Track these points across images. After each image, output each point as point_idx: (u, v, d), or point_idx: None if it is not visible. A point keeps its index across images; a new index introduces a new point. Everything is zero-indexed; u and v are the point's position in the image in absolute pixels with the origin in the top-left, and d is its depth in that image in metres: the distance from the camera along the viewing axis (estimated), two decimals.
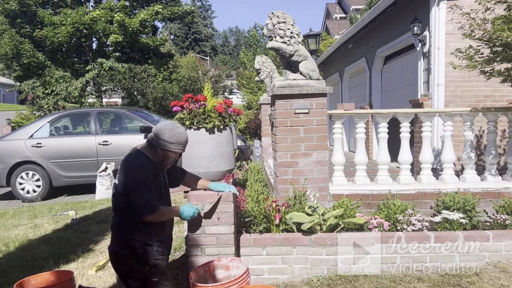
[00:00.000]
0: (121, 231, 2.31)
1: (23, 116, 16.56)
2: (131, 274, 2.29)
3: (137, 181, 2.20)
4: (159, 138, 2.29)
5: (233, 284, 2.33)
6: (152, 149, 2.33)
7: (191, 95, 3.34)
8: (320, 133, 3.75)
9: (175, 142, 2.31)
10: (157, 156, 2.34)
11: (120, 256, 2.28)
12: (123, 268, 2.32)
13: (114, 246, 2.32)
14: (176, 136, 2.31)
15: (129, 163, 2.29)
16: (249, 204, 3.40)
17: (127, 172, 2.25)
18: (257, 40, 26.32)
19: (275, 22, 3.56)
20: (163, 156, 2.34)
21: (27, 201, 7.06)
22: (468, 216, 3.55)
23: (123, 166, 2.30)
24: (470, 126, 4.31)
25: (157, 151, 2.32)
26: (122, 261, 2.29)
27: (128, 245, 2.26)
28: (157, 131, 2.31)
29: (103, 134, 7.32)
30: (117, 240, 2.32)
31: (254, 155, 10.01)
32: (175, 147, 2.33)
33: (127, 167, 2.28)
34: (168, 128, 2.31)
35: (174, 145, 2.32)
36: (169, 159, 2.38)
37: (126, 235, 2.27)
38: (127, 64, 15.95)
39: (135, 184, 2.19)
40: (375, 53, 9.37)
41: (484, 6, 3.81)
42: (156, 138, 2.30)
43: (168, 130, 2.30)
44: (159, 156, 2.34)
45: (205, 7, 62.77)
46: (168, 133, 2.29)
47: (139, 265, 2.26)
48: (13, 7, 14.56)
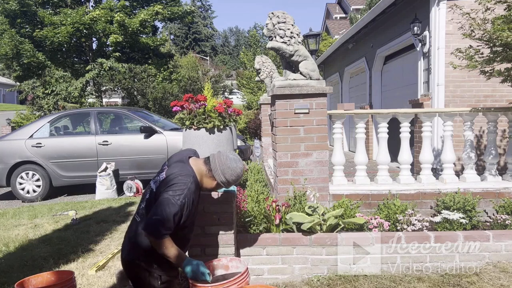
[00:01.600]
0: (142, 242, 2.14)
1: (23, 116, 16.55)
2: (143, 284, 2.22)
3: (170, 200, 2.05)
4: (224, 176, 2.24)
5: (233, 284, 2.33)
6: (209, 178, 2.26)
7: (191, 95, 3.34)
8: (320, 133, 3.76)
9: (233, 182, 2.30)
10: (208, 185, 2.28)
11: (134, 266, 2.20)
12: (135, 277, 2.25)
13: (130, 254, 2.21)
14: (238, 178, 2.30)
15: (178, 178, 2.13)
16: (249, 204, 3.40)
17: (171, 185, 2.10)
18: (257, 40, 26.30)
19: (275, 22, 3.56)
20: (215, 188, 2.32)
21: (27, 201, 7.06)
22: (468, 216, 3.55)
23: (171, 177, 2.14)
24: (470, 126, 4.31)
25: (212, 182, 2.27)
26: (136, 271, 2.21)
27: (146, 258, 2.16)
28: (225, 169, 2.23)
29: (103, 134, 7.31)
30: (135, 249, 2.19)
31: (254, 155, 10.01)
32: (228, 186, 2.33)
33: (173, 180, 2.12)
34: (238, 172, 2.26)
35: (230, 185, 2.32)
36: (214, 190, 2.39)
37: (146, 247, 2.13)
38: (127, 64, 15.95)
39: (166, 200, 2.04)
40: (375, 53, 9.37)
41: (484, 6, 3.81)
42: (221, 174, 2.23)
43: (236, 174, 2.26)
44: (211, 186, 2.29)
45: (205, 7, 62.76)
46: (235, 176, 2.26)
47: (151, 278, 2.19)
48: (13, 7, 14.57)
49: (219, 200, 2.87)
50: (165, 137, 7.09)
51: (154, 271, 2.19)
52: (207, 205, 2.87)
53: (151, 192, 2.22)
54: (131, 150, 7.13)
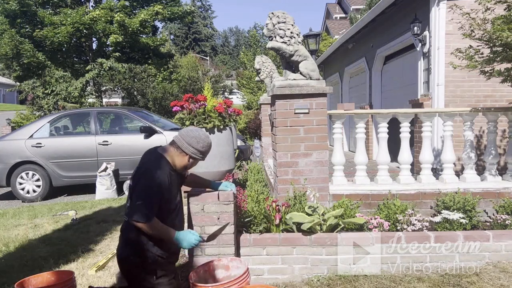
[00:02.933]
0: (136, 239, 2.20)
1: (23, 116, 16.54)
2: (138, 282, 2.24)
3: (145, 184, 2.14)
4: (191, 146, 2.29)
5: (233, 284, 2.33)
6: (178, 155, 2.31)
7: (191, 95, 3.35)
8: (320, 133, 3.76)
9: (205, 151, 2.36)
10: (182, 163, 2.32)
11: (129, 263, 2.23)
12: (131, 275, 2.27)
13: (124, 251, 2.25)
14: (207, 146, 2.35)
15: (146, 165, 2.25)
16: (249, 204, 3.40)
17: (141, 174, 2.20)
18: (257, 40, 26.29)
19: (275, 22, 3.56)
20: (191, 163, 2.36)
21: (27, 201, 7.06)
22: (468, 216, 3.55)
23: (140, 168, 2.24)
24: (470, 126, 4.31)
25: (184, 158, 2.31)
26: (130, 268, 2.24)
27: (140, 254, 2.20)
28: (190, 139, 2.29)
29: (103, 134, 7.31)
30: (129, 246, 2.24)
31: (254, 155, 10.00)
32: (202, 156, 2.37)
33: (142, 170, 2.23)
34: (203, 138, 2.32)
35: (203, 154, 2.36)
36: (192, 166, 2.41)
37: (140, 244, 2.19)
38: (127, 64, 15.94)
39: (142, 187, 2.14)
40: (375, 53, 9.37)
41: (484, 6, 3.81)
42: (188, 145, 2.28)
43: (202, 140, 2.31)
44: (185, 162, 2.33)
45: (205, 7, 62.76)
46: (202, 143, 2.31)
47: (147, 275, 2.21)
48: (13, 7, 14.55)
49: (219, 200, 2.87)
50: (165, 137, 7.09)
51: (148, 266, 2.22)
52: (207, 205, 2.87)
53: (130, 188, 2.28)
54: (131, 150, 7.13)
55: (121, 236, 2.32)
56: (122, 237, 2.30)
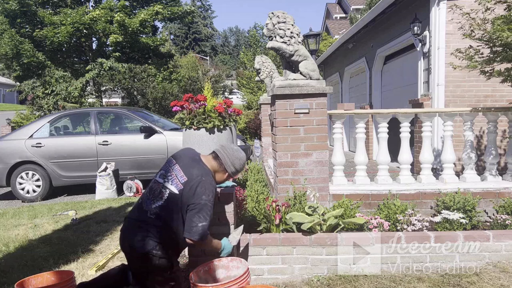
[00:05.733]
0: (163, 236, 2.27)
1: (23, 116, 16.54)
2: (151, 276, 2.28)
3: (206, 202, 2.21)
4: (234, 166, 2.39)
5: (233, 284, 2.33)
6: (220, 172, 2.41)
7: (191, 95, 3.35)
8: (320, 133, 3.76)
9: (240, 170, 2.46)
10: (221, 178, 2.43)
11: (149, 257, 2.26)
12: (145, 268, 2.30)
13: (146, 246, 2.27)
14: (244, 165, 2.46)
15: (205, 178, 2.27)
16: (249, 204, 3.40)
17: (202, 188, 2.23)
18: (257, 40, 26.29)
19: (275, 22, 3.56)
20: (224, 180, 2.47)
21: (27, 201, 7.06)
22: (468, 216, 3.55)
23: (195, 179, 2.26)
24: (470, 126, 4.31)
25: (224, 175, 2.42)
26: (149, 262, 2.27)
27: (163, 250, 2.27)
28: (235, 160, 2.39)
29: (103, 134, 7.31)
30: (153, 241, 2.27)
31: (254, 155, 10.00)
32: (236, 174, 2.48)
33: (203, 182, 2.25)
34: (244, 160, 2.43)
35: (238, 173, 2.48)
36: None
37: (166, 241, 2.27)
38: (127, 64, 15.94)
39: (203, 205, 2.20)
40: (375, 53, 9.37)
41: (484, 6, 3.81)
42: (231, 165, 2.38)
43: (244, 162, 2.42)
44: (223, 179, 2.45)
45: (205, 7, 62.76)
46: (243, 164, 2.42)
47: (163, 269, 2.28)
48: (13, 7, 14.56)
49: (219, 200, 2.87)
50: (165, 137, 7.09)
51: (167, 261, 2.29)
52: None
53: (170, 194, 2.28)
54: (131, 150, 7.13)
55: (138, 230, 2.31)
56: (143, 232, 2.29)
